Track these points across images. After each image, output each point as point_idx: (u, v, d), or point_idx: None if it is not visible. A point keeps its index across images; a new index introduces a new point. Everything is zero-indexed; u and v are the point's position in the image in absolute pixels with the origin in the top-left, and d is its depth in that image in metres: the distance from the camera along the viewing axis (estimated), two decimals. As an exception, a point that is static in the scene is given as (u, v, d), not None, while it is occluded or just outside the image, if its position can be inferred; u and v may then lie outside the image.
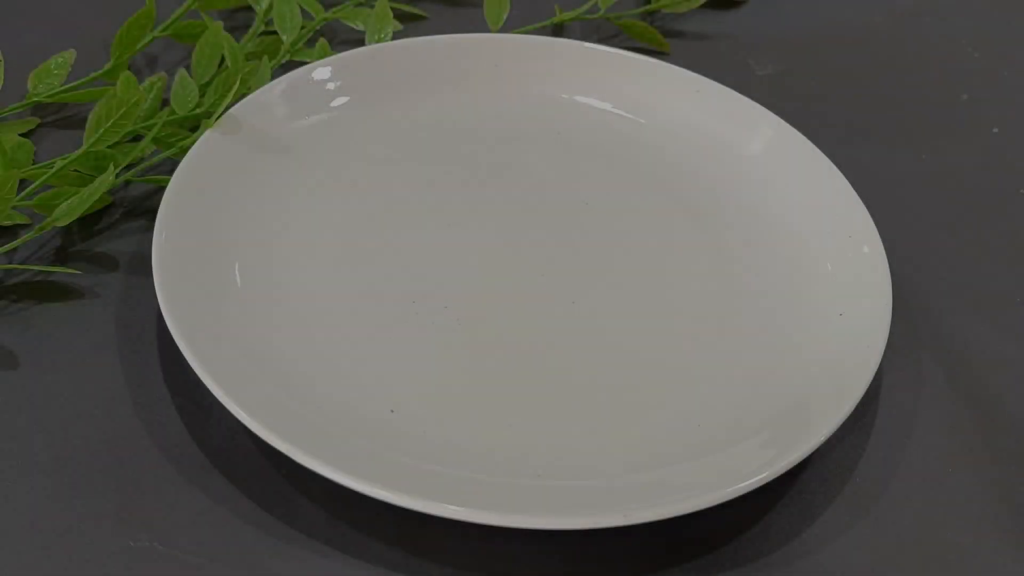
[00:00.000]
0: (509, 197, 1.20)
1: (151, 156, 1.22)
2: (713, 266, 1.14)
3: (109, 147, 1.17)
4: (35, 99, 1.26)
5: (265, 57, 1.31)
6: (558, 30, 1.52)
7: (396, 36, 1.40)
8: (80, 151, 1.16)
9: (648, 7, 1.56)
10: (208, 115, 1.24)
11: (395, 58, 1.32)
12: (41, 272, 1.10)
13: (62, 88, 1.27)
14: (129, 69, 1.28)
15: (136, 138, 1.24)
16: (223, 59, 1.30)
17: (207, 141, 1.16)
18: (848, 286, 1.09)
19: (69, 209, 1.09)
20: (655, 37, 1.50)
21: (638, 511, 0.87)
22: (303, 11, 1.41)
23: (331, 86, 1.28)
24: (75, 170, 1.16)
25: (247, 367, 0.97)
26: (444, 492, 0.88)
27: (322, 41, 1.38)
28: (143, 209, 1.19)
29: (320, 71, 1.29)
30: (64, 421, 0.97)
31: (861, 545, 0.94)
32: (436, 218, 1.17)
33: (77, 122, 1.29)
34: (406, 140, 1.25)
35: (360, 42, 1.42)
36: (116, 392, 1.00)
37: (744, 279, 1.13)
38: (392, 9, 1.41)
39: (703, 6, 1.59)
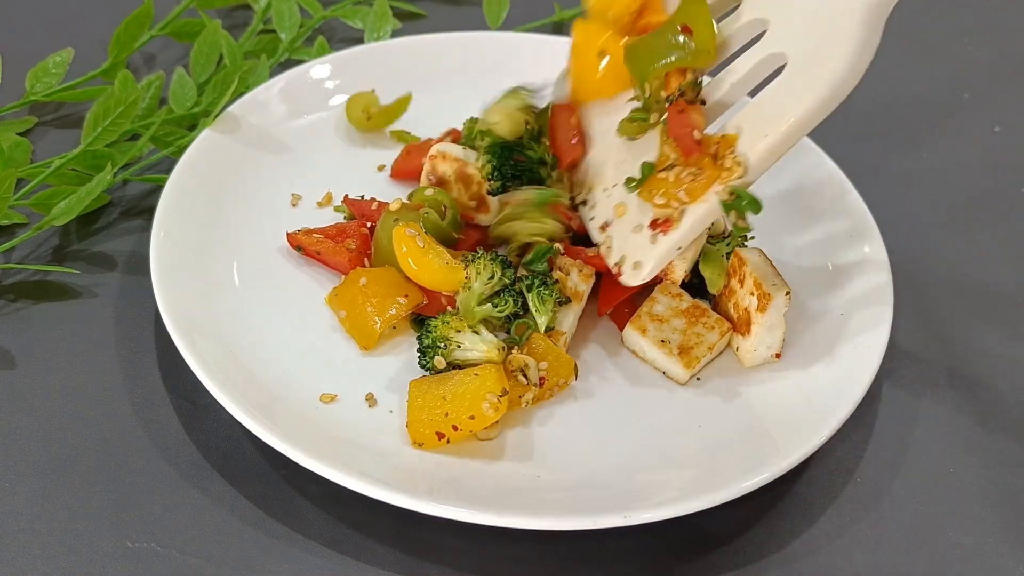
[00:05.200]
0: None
1: (149, 155, 1.22)
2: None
3: (107, 146, 1.17)
4: (33, 98, 1.26)
5: (263, 55, 1.31)
6: (558, 28, 1.52)
7: (395, 34, 1.40)
8: (78, 150, 1.15)
9: (648, 6, 1.56)
10: (206, 114, 1.24)
11: (394, 57, 1.32)
12: (39, 271, 1.10)
13: (60, 87, 1.27)
14: (127, 68, 1.28)
15: (134, 137, 1.24)
16: (221, 57, 1.30)
17: (205, 140, 1.16)
18: (848, 286, 1.09)
19: (67, 208, 1.09)
20: (655, 36, 1.50)
21: (638, 511, 0.87)
22: (302, 9, 1.41)
23: (330, 84, 1.28)
24: (73, 169, 1.16)
25: (246, 367, 0.97)
26: (444, 493, 0.88)
27: (321, 39, 1.38)
28: (141, 208, 1.18)
29: (319, 69, 1.28)
30: (62, 421, 0.97)
31: (861, 545, 0.94)
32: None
33: (75, 121, 1.29)
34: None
35: (359, 40, 1.42)
36: (114, 392, 1.00)
37: (744, 278, 1.13)
38: (391, 7, 1.41)
39: (703, 5, 1.59)
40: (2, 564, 0.87)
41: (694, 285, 1.06)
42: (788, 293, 1.00)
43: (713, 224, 1.06)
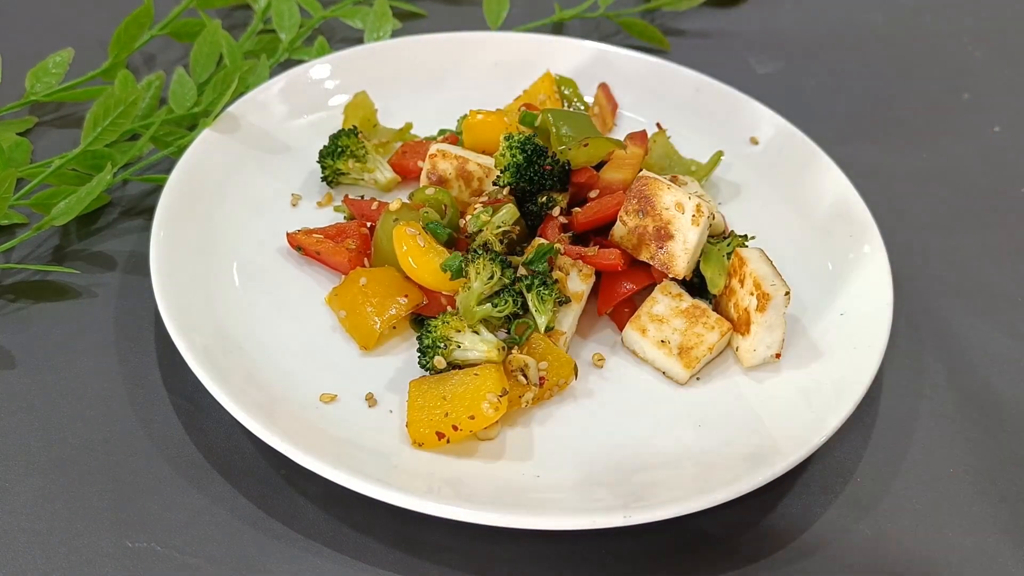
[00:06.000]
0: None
1: (149, 155, 1.22)
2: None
3: (107, 146, 1.17)
4: (33, 98, 1.26)
5: (263, 55, 1.31)
6: (558, 28, 1.52)
7: (395, 34, 1.40)
8: (78, 150, 1.15)
9: (648, 5, 1.56)
10: (206, 114, 1.24)
11: (394, 57, 1.32)
12: (39, 271, 1.10)
13: (60, 87, 1.27)
14: (127, 68, 1.28)
15: (134, 137, 1.24)
16: (221, 57, 1.30)
17: (205, 140, 1.16)
18: (848, 286, 1.09)
19: (67, 208, 1.09)
20: (655, 35, 1.50)
21: (638, 511, 0.87)
22: (302, 9, 1.41)
23: (330, 84, 1.28)
24: (73, 169, 1.16)
25: (246, 368, 0.97)
26: (444, 493, 0.88)
27: (321, 39, 1.38)
28: (141, 208, 1.18)
29: (318, 69, 1.28)
30: (61, 421, 0.97)
31: (861, 545, 0.94)
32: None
33: (75, 121, 1.29)
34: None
35: (359, 40, 1.42)
36: (114, 392, 1.00)
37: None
38: (391, 7, 1.41)
39: (703, 4, 1.59)
40: (2, 564, 0.87)
41: (694, 285, 1.06)
42: (788, 293, 1.00)
43: (713, 224, 1.06)
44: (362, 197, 1.15)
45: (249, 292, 1.05)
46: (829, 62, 1.54)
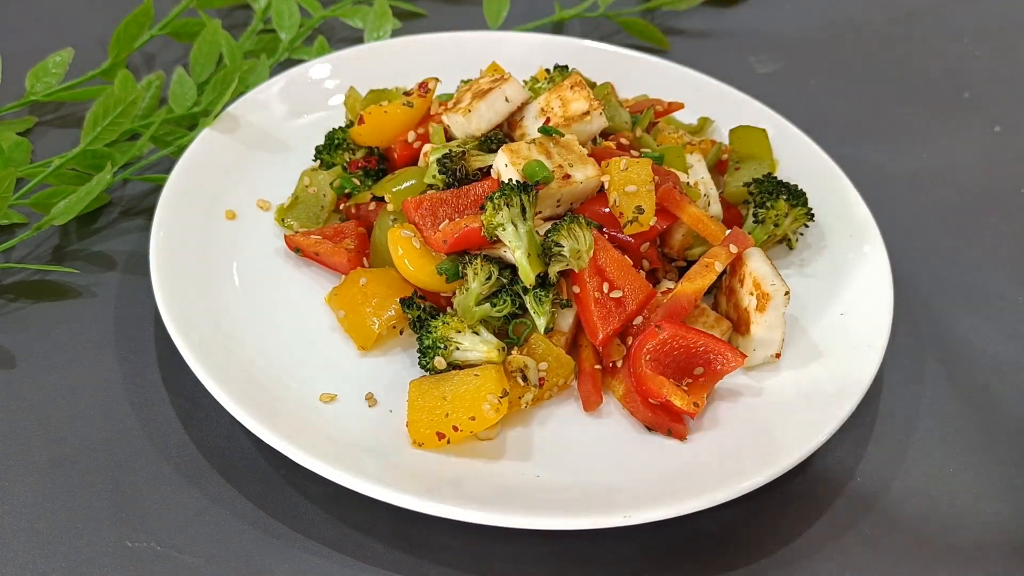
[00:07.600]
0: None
1: (149, 154, 1.22)
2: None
3: (107, 145, 1.17)
4: (33, 98, 1.26)
5: (263, 55, 1.31)
6: (558, 28, 1.52)
7: (395, 34, 1.40)
8: (78, 149, 1.15)
9: (648, 5, 1.57)
10: (206, 113, 1.24)
11: (394, 56, 1.32)
12: (38, 271, 1.10)
13: (60, 87, 1.27)
14: (127, 67, 1.28)
15: (134, 136, 1.24)
16: (221, 57, 1.30)
17: (205, 139, 1.16)
18: (848, 286, 1.09)
19: (66, 208, 1.09)
20: (655, 35, 1.50)
21: (638, 511, 0.87)
22: (301, 9, 1.41)
23: (330, 84, 1.28)
24: (72, 168, 1.16)
25: (245, 367, 0.97)
26: (444, 493, 0.88)
27: (321, 39, 1.38)
28: (141, 208, 1.18)
29: (318, 69, 1.29)
30: (61, 421, 0.97)
31: (861, 545, 0.94)
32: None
33: (75, 120, 1.29)
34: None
35: (359, 40, 1.43)
36: (113, 391, 1.00)
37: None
38: (391, 7, 1.41)
39: (703, 4, 1.59)
40: (2, 564, 0.87)
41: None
42: (787, 293, 1.00)
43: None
44: (348, 195, 1.14)
45: (249, 292, 1.05)
46: (829, 62, 1.54)
